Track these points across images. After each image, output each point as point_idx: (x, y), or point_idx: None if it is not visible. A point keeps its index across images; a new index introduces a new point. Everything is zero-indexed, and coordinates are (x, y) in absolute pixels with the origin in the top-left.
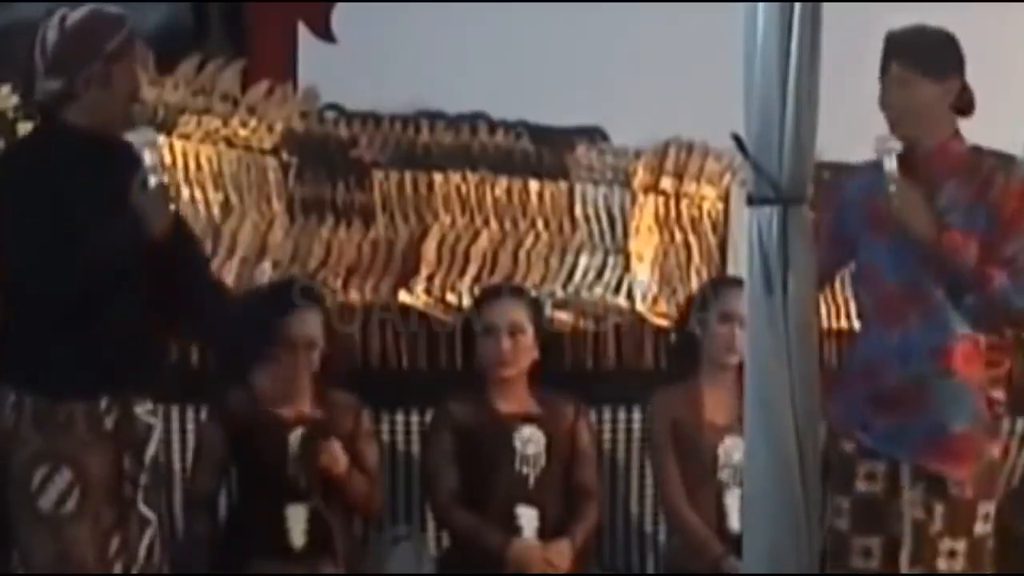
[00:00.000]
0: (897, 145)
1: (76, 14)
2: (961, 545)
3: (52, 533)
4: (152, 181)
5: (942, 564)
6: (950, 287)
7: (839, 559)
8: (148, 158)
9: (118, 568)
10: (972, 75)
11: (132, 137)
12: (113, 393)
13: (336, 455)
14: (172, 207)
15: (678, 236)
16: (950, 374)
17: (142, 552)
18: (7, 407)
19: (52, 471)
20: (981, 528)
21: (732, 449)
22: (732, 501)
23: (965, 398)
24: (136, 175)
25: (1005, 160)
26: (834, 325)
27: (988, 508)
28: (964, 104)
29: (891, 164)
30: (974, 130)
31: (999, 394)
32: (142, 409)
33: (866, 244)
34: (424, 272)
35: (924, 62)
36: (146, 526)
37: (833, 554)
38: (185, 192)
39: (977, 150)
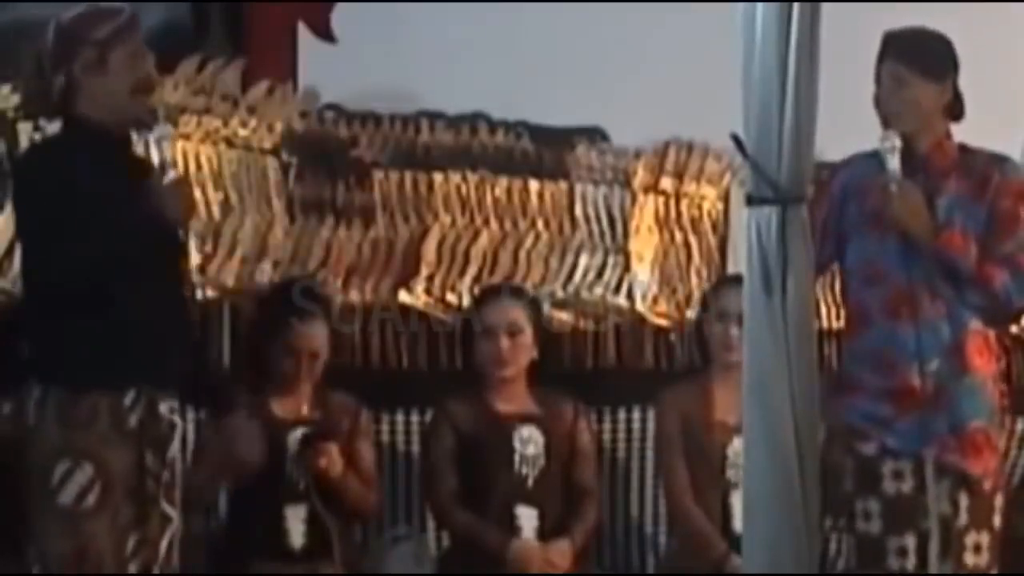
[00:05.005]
0: (899, 142)
1: (70, 11)
2: (985, 539)
3: (71, 528)
4: (170, 175)
5: (969, 559)
6: (954, 286)
7: (873, 562)
8: (166, 153)
9: (135, 566)
10: (971, 75)
11: (150, 134)
12: (138, 386)
13: (333, 457)
14: (188, 202)
15: (678, 236)
16: (966, 370)
17: (163, 549)
18: (32, 402)
19: (73, 466)
20: (997, 521)
21: (742, 449)
22: (738, 501)
23: (981, 393)
24: (152, 170)
25: (996, 159)
26: (834, 325)
27: (1001, 501)
28: (956, 110)
29: (894, 163)
30: (973, 131)
31: (1003, 387)
32: (166, 406)
33: (868, 241)
34: (424, 272)
35: (922, 62)
36: (167, 523)
37: (865, 558)
38: None
39: (967, 149)
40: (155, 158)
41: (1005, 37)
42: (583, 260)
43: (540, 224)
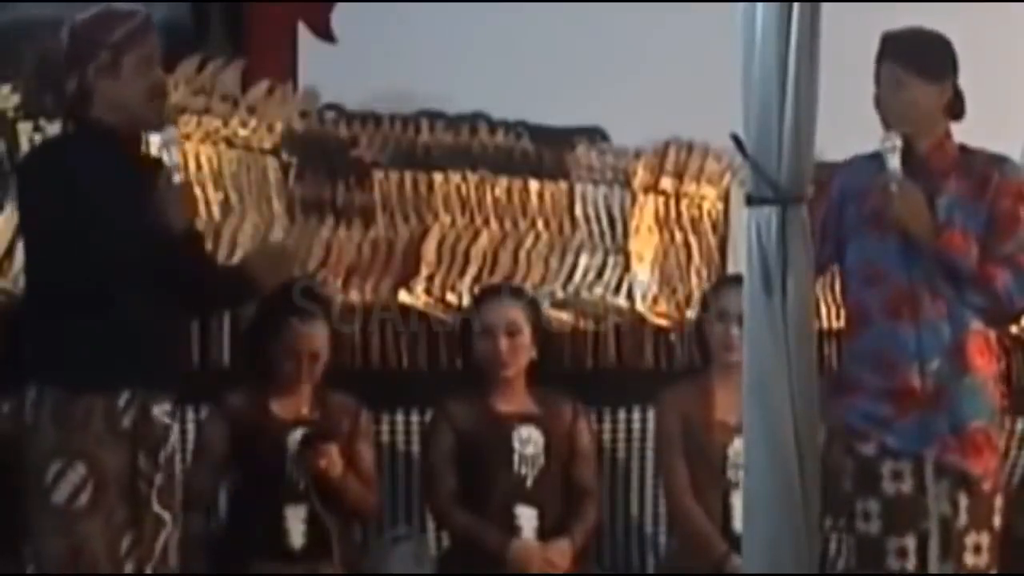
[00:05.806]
0: (899, 142)
1: (84, 13)
2: (985, 539)
3: (64, 527)
4: (176, 179)
5: (968, 559)
6: (955, 286)
7: (872, 563)
8: (172, 156)
9: (130, 566)
10: (971, 75)
11: (157, 136)
12: (133, 387)
13: (333, 458)
14: (192, 205)
15: (678, 236)
16: (967, 370)
17: (157, 551)
18: (28, 403)
19: (66, 466)
20: (997, 522)
21: (742, 449)
22: (738, 501)
23: (981, 393)
24: (159, 172)
25: (996, 159)
26: (834, 325)
27: (1001, 501)
28: (956, 109)
29: (895, 163)
30: (973, 131)
31: (1003, 387)
32: (160, 409)
33: (868, 241)
34: (424, 272)
35: (920, 64)
36: (161, 526)
37: (865, 558)
38: None
39: (967, 149)
40: (161, 160)
41: (1005, 37)
42: (583, 260)
43: (540, 224)
